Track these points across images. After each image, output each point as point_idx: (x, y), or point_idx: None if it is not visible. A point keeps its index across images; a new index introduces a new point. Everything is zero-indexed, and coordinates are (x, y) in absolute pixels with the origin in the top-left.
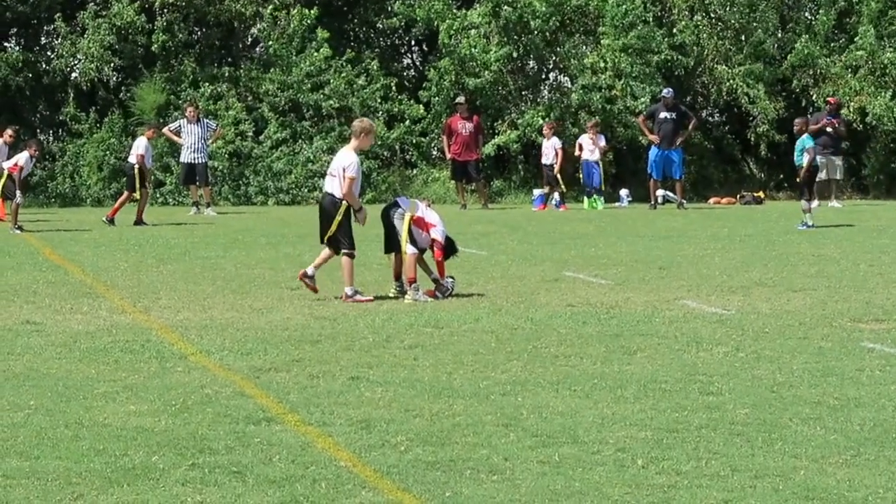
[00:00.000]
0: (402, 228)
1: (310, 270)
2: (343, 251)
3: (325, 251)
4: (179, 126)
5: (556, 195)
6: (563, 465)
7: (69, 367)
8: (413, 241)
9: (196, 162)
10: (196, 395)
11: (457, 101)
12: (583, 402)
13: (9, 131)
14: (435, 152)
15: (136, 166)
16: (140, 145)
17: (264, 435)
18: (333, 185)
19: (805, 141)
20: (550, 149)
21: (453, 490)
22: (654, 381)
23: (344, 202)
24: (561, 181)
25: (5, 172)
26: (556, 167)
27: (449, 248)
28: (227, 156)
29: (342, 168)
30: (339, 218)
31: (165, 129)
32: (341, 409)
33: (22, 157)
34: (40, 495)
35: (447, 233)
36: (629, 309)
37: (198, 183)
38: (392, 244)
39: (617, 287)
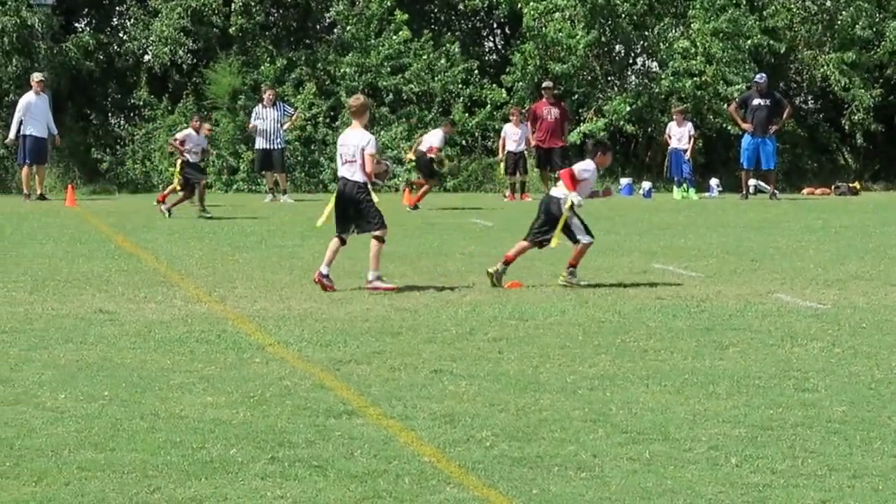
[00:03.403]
0: (560, 221)
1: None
2: (374, 232)
3: (333, 243)
4: (256, 113)
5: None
6: (653, 462)
7: (144, 357)
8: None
9: (272, 147)
10: (275, 387)
11: (544, 84)
12: (674, 397)
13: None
14: None
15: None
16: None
17: (345, 428)
18: (354, 171)
19: None
20: (520, 136)
21: (540, 487)
22: (747, 377)
23: (368, 184)
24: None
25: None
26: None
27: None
28: (299, 142)
29: (360, 149)
30: (370, 199)
31: (250, 127)
32: (424, 402)
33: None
34: (116, 488)
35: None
36: (721, 302)
37: (273, 169)
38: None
39: (708, 279)
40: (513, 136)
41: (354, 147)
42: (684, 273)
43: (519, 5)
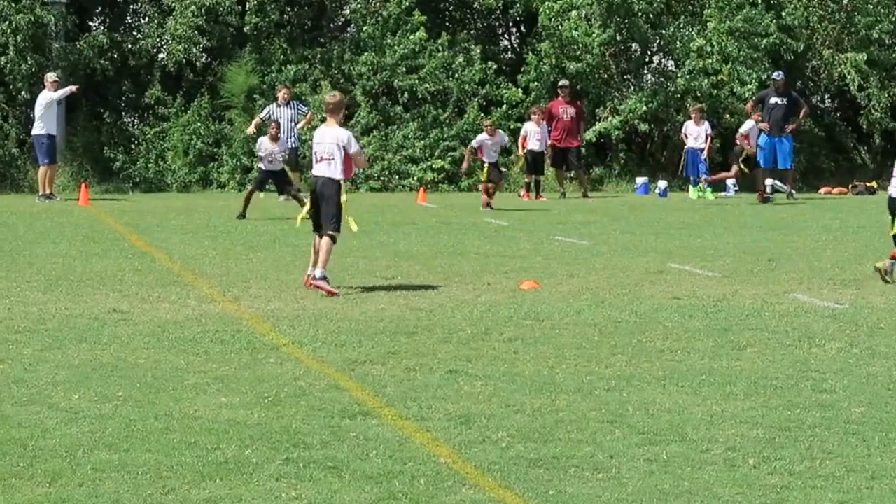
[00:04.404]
0: None
1: (318, 272)
2: (329, 231)
3: (318, 242)
4: (269, 112)
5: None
6: (671, 463)
7: (158, 358)
8: None
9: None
10: (289, 387)
11: (560, 83)
12: (691, 398)
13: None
14: None
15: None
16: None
17: (360, 429)
18: (331, 168)
19: None
20: (542, 135)
21: (557, 488)
22: (764, 378)
23: (343, 182)
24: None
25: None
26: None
27: None
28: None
29: (340, 147)
30: (339, 200)
31: (256, 121)
32: (440, 403)
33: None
34: (130, 489)
35: None
36: (738, 302)
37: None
38: None
39: (724, 279)
40: (535, 136)
41: (331, 145)
42: (701, 273)
43: (534, 4)
